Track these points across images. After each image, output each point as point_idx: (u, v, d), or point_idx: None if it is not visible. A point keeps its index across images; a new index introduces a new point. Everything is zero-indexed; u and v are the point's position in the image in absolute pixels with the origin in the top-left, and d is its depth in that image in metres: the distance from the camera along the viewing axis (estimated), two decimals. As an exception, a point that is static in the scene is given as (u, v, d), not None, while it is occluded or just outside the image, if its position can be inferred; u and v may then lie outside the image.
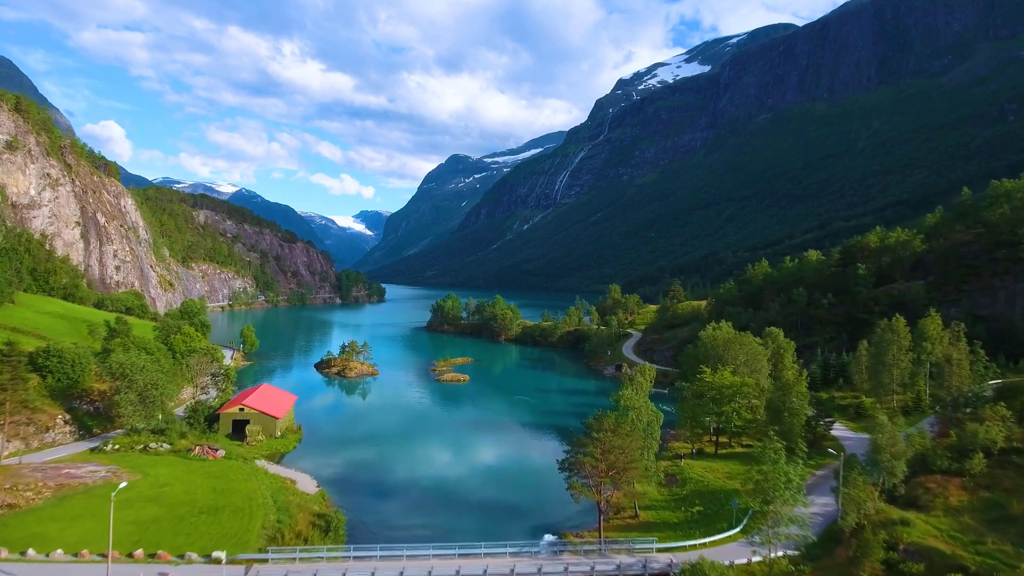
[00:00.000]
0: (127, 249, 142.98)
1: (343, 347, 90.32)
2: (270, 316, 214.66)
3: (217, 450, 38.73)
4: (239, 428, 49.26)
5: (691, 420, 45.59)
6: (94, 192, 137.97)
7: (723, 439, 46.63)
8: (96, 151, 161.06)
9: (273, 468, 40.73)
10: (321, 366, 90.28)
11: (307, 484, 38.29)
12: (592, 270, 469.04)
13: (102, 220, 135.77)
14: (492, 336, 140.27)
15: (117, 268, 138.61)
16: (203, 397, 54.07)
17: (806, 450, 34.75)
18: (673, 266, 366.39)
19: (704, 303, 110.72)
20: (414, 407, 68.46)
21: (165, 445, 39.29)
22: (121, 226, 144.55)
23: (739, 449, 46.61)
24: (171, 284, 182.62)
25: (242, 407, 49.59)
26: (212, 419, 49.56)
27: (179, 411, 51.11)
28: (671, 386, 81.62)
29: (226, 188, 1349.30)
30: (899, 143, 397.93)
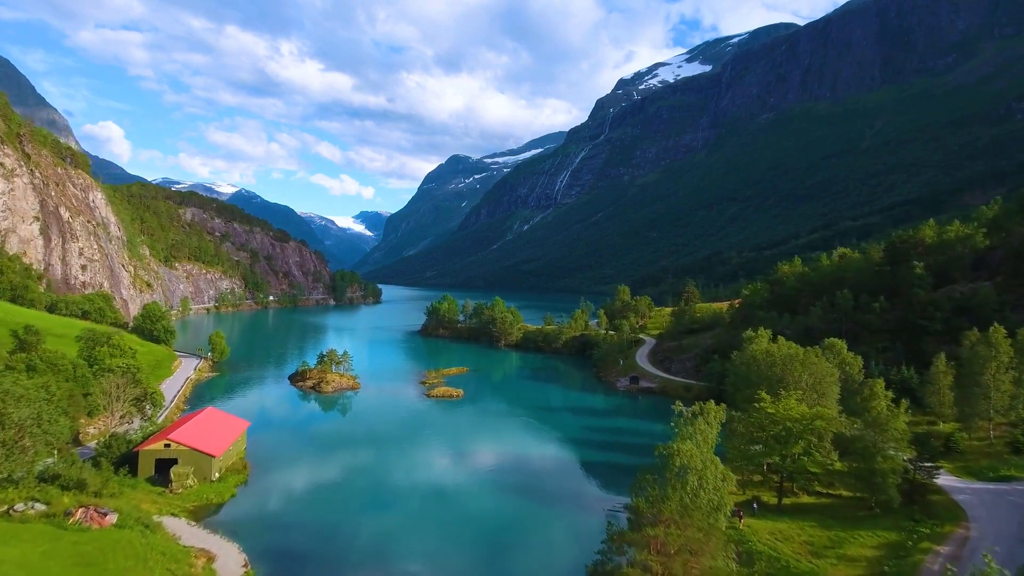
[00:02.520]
0: (95, 247, 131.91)
1: (321, 356, 79.55)
2: (258, 318, 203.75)
3: (106, 514, 28.08)
4: (165, 469, 38.52)
5: (746, 461, 35.05)
6: (57, 185, 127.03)
7: (785, 483, 36.02)
8: (62, 140, 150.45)
9: (189, 534, 30.02)
10: (295, 378, 79.41)
11: (230, 562, 27.62)
12: (593, 270, 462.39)
13: (66, 215, 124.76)
14: (491, 341, 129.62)
15: (83, 267, 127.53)
16: (124, 428, 43.13)
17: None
18: (676, 266, 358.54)
19: (725, 305, 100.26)
20: (395, 432, 57.47)
21: (38, 505, 28.65)
22: (89, 222, 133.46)
23: (807, 499, 35.96)
24: (149, 285, 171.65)
25: (168, 442, 38.80)
26: (130, 458, 38.83)
27: (88, 448, 40.46)
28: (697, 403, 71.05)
29: (226, 188, 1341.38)
30: (904, 142, 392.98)
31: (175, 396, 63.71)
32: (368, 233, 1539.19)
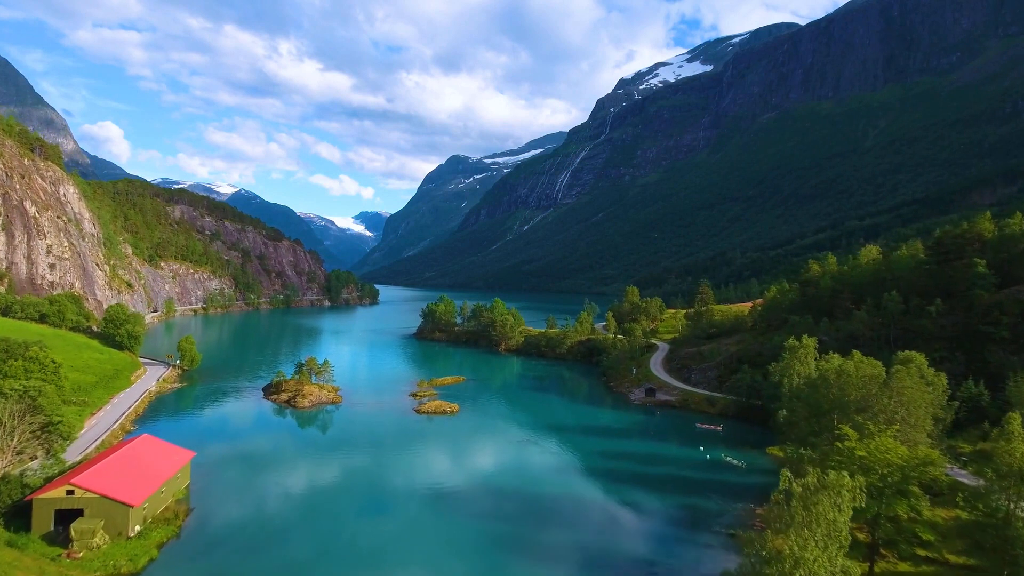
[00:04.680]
0: (65, 244, 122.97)
1: (299, 365, 70.92)
2: (247, 320, 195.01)
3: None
4: (68, 522, 29.87)
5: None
6: (22, 177, 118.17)
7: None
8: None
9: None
10: (270, 390, 70.65)
11: None
12: (594, 271, 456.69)
13: (32, 210, 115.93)
14: (490, 345, 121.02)
15: (51, 266, 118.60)
16: (20, 470, 34.14)
17: None
18: (679, 267, 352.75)
19: (747, 307, 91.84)
20: (376, 460, 48.50)
21: None
22: (58, 218, 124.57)
23: (904, 567, 27.38)
24: (129, 285, 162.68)
25: (71, 488, 30.10)
26: (23, 509, 30.18)
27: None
28: (724, 419, 62.50)
29: (225, 189, 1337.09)
30: (908, 142, 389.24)
31: (122, 415, 54.96)
32: (368, 234, 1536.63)
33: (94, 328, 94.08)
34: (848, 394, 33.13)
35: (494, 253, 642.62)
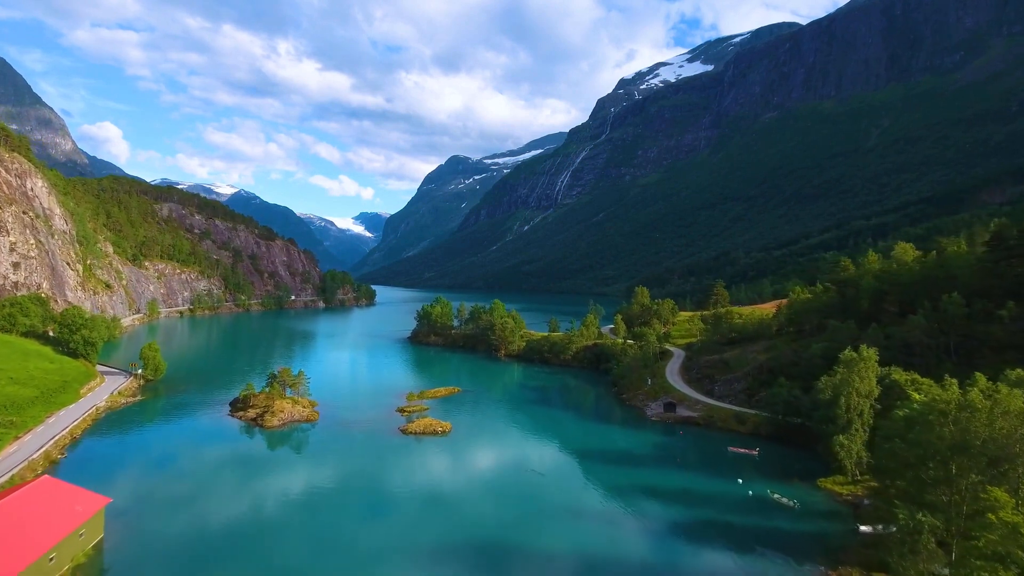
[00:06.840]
0: (32, 242, 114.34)
1: (272, 377, 62.52)
2: (235, 323, 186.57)
3: None
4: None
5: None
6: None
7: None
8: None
9: None
10: (237, 406, 62.15)
11: None
12: (595, 271, 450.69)
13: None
14: (489, 350, 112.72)
15: (15, 265, 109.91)
16: None
17: None
18: (682, 267, 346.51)
19: (771, 308, 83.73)
20: (348, 499, 39.89)
21: None
22: (24, 213, 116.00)
23: None
24: (108, 286, 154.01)
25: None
26: None
27: None
28: (757, 440, 54.22)
29: (225, 189, 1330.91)
30: (911, 141, 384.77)
31: (49, 440, 46.36)
32: (368, 234, 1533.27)
33: (51, 333, 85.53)
34: (975, 436, 23.78)
35: (494, 253, 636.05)
